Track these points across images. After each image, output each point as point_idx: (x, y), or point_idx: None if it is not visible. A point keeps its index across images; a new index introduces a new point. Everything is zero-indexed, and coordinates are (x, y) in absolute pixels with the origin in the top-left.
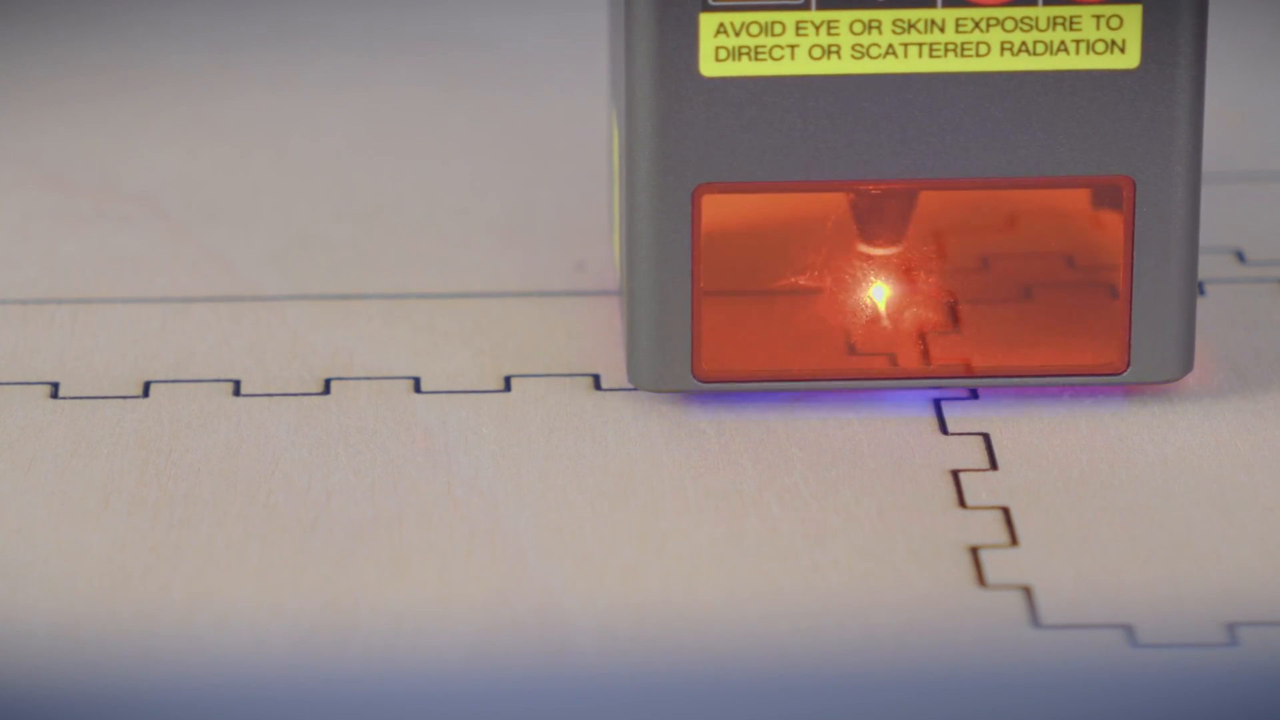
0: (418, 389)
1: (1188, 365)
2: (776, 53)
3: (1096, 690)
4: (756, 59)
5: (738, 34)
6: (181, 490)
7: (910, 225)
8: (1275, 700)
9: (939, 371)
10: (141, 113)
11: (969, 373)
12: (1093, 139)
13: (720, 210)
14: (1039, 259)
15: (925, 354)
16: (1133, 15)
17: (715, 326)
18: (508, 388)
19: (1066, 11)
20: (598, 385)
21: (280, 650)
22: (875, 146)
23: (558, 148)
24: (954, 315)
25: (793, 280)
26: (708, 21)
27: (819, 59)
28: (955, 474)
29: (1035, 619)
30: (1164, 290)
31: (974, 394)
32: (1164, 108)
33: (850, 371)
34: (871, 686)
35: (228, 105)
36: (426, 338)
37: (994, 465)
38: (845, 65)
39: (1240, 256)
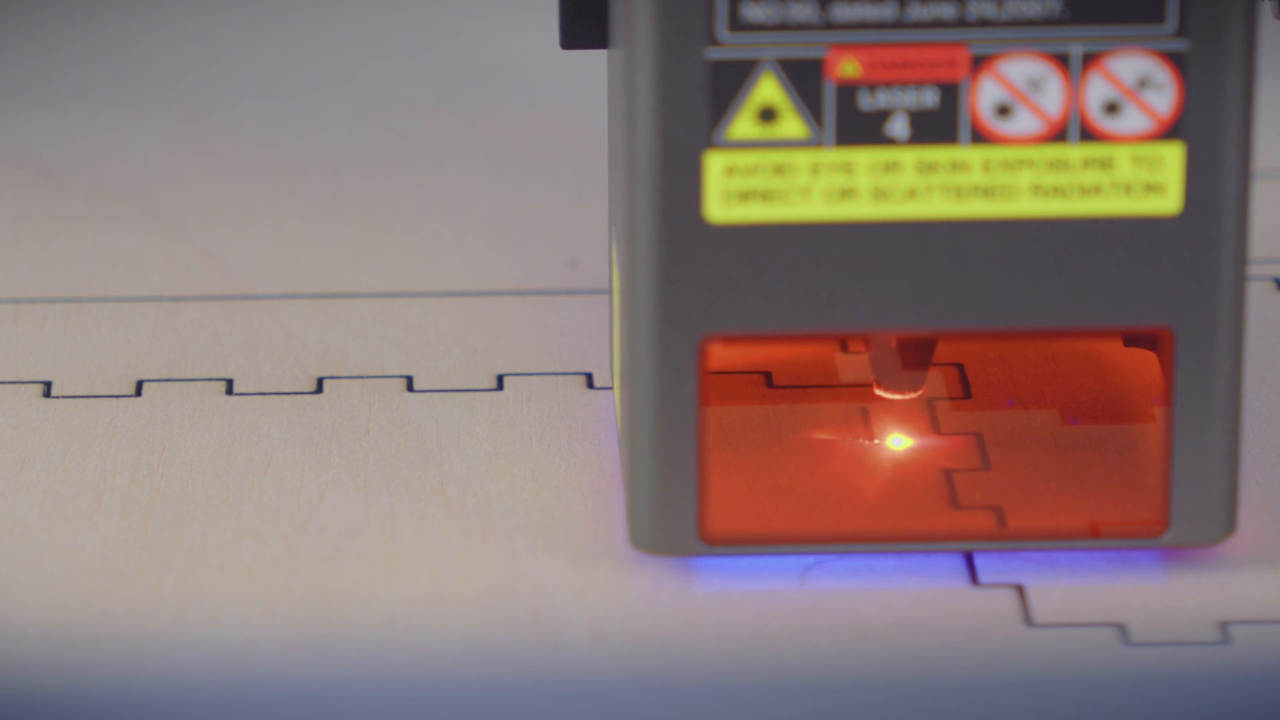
0: (410, 387)
1: (1230, 526)
2: (789, 196)
3: (1089, 689)
4: (767, 202)
5: (747, 175)
6: (174, 489)
7: (931, 370)
8: (1267, 699)
9: (969, 534)
10: (134, 111)
11: (1002, 535)
12: (1129, 288)
13: (728, 356)
14: (1076, 411)
15: (953, 513)
16: (1174, 155)
17: (723, 485)
18: (500, 386)
19: (1102, 151)
20: (590, 384)
21: (273, 649)
22: (895, 296)
23: (550, 146)
24: (986, 471)
25: (809, 434)
26: (715, 161)
27: (835, 202)
28: (948, 473)
29: (1028, 617)
30: (1206, 447)
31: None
32: (1207, 254)
33: (874, 535)
34: (865, 685)
35: (220, 104)
36: (419, 336)
37: (986, 466)
38: (863, 209)
39: None
